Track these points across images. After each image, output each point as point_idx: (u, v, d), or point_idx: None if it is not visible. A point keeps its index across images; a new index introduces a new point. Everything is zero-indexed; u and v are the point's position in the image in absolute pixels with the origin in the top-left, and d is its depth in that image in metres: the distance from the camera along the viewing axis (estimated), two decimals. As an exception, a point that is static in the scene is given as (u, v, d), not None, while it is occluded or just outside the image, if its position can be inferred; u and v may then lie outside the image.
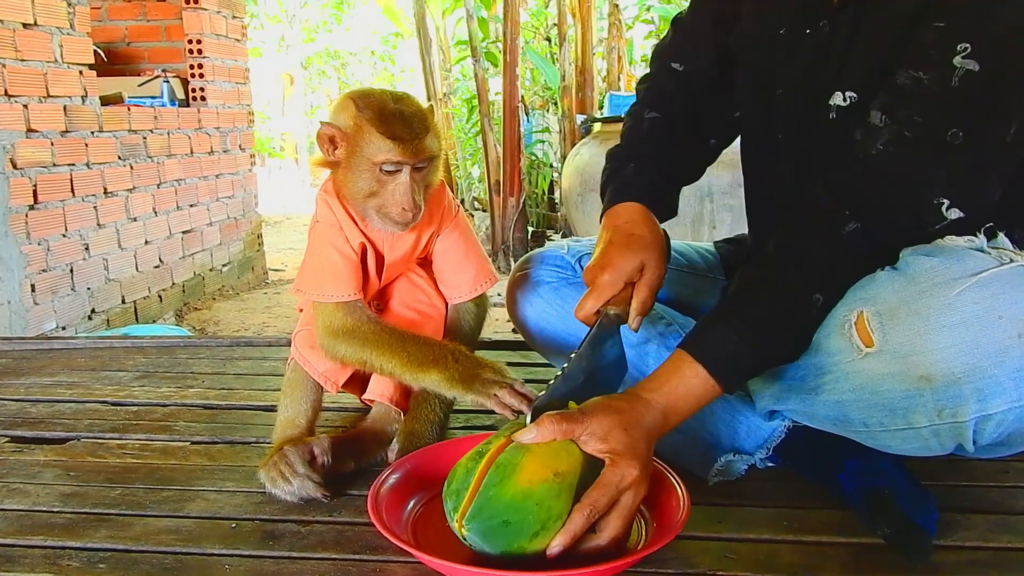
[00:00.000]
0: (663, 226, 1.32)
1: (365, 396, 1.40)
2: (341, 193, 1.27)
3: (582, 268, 1.48)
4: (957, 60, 1.02)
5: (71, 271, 3.90)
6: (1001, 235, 1.06)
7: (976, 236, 1.03)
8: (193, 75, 5.27)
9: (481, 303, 1.44)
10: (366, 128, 1.19)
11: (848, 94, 1.15)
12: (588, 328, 1.22)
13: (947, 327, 0.96)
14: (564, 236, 6.51)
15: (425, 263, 1.42)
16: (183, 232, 4.98)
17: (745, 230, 1.52)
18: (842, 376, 1.07)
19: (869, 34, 1.14)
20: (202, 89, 5.29)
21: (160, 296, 4.72)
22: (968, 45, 1.01)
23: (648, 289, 1.24)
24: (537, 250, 1.57)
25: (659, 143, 1.39)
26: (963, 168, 1.04)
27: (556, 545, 0.97)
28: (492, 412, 1.56)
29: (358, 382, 1.40)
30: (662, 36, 1.51)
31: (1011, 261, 0.99)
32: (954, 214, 1.04)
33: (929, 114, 1.05)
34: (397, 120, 1.18)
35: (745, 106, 1.37)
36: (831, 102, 1.17)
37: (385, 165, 1.19)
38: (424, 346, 1.23)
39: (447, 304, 1.42)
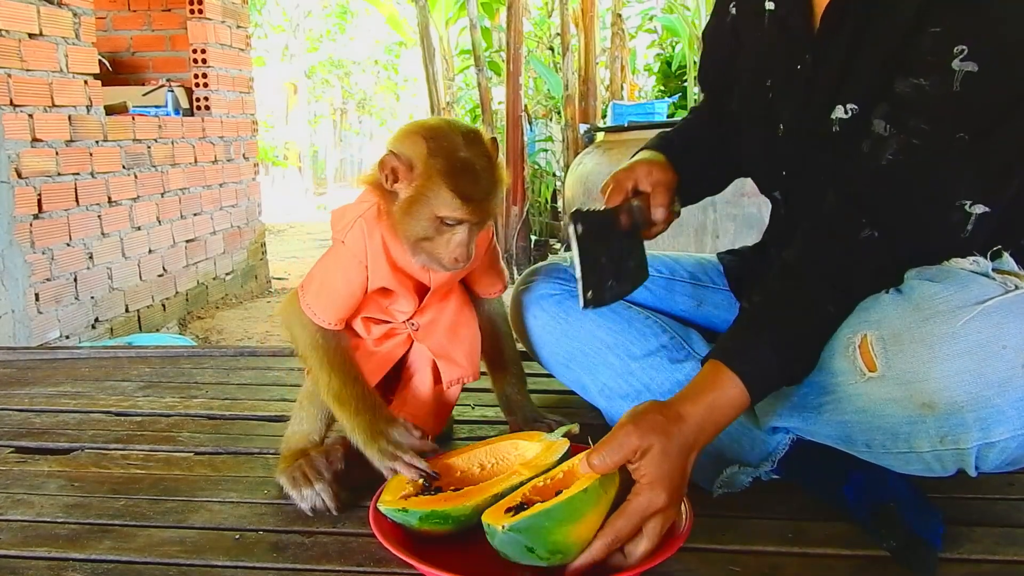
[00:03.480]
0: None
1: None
2: (391, 226, 1.21)
3: None
4: (956, 63, 1.02)
5: (75, 280, 3.91)
6: (1006, 255, 1.06)
7: (981, 259, 1.04)
8: (197, 84, 5.30)
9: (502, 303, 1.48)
10: (435, 178, 1.13)
11: (849, 106, 1.16)
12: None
13: (951, 356, 0.96)
14: (567, 245, 6.51)
15: None
16: (187, 241, 5.00)
17: (748, 240, 1.53)
18: (844, 398, 1.07)
19: (867, 47, 1.15)
20: (206, 98, 5.31)
21: (163, 305, 4.73)
22: (965, 47, 1.02)
23: (662, 187, 1.33)
24: (541, 263, 1.58)
25: (686, 132, 1.51)
26: (978, 166, 1.05)
27: (574, 570, 0.97)
28: (496, 424, 1.56)
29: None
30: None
31: (1016, 288, 0.99)
32: (979, 209, 1.04)
33: (934, 120, 1.05)
34: (468, 176, 1.14)
35: (751, 158, 1.41)
36: (833, 116, 1.18)
37: (447, 220, 1.16)
38: (359, 391, 1.22)
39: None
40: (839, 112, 1.17)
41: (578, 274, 1.23)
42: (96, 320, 4.08)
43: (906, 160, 1.07)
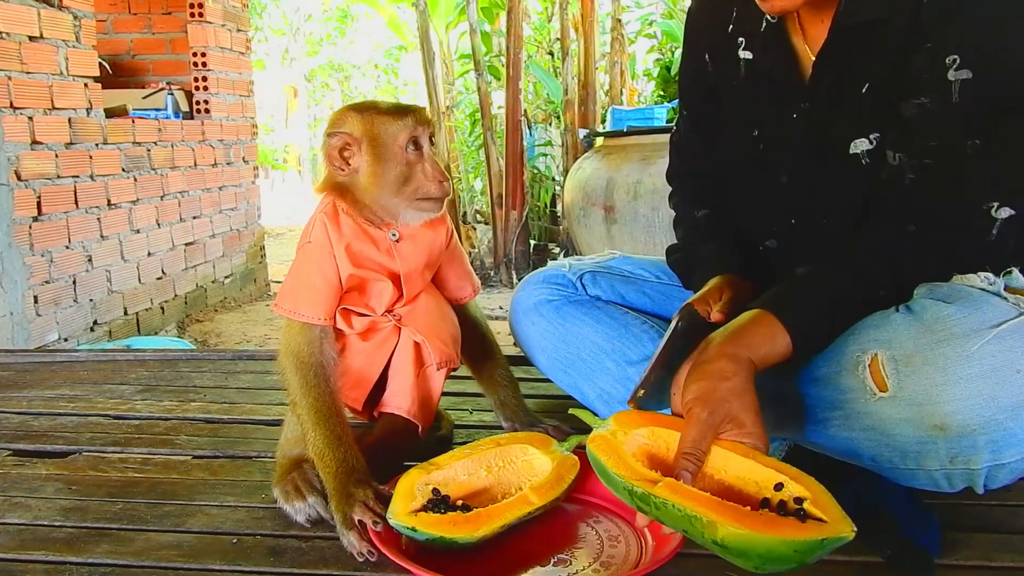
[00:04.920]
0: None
1: (384, 409, 1.38)
2: (365, 201, 1.27)
3: (583, 286, 1.50)
4: (951, 74, 1.05)
5: (74, 282, 3.91)
6: (1015, 271, 1.06)
7: (992, 276, 1.04)
8: (197, 88, 5.30)
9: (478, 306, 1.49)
10: (379, 122, 1.25)
11: (873, 136, 1.16)
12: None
13: (964, 380, 0.97)
14: (566, 250, 6.51)
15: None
16: (186, 244, 4.99)
17: None
18: (853, 415, 1.08)
19: (863, 79, 1.15)
20: (206, 102, 5.32)
21: (162, 308, 4.73)
22: (956, 57, 1.05)
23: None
24: (540, 269, 1.58)
25: (721, 230, 1.41)
26: (995, 169, 1.07)
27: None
28: (494, 428, 1.56)
29: (369, 403, 1.39)
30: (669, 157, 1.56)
31: None
32: (1005, 213, 1.06)
33: (942, 135, 1.07)
34: (396, 107, 1.28)
35: (749, 208, 1.37)
36: (856, 151, 1.17)
37: (410, 143, 1.25)
38: (342, 431, 1.22)
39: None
40: (863, 145, 1.17)
41: (649, 365, 1.15)
42: (95, 323, 4.08)
43: (926, 178, 1.08)
